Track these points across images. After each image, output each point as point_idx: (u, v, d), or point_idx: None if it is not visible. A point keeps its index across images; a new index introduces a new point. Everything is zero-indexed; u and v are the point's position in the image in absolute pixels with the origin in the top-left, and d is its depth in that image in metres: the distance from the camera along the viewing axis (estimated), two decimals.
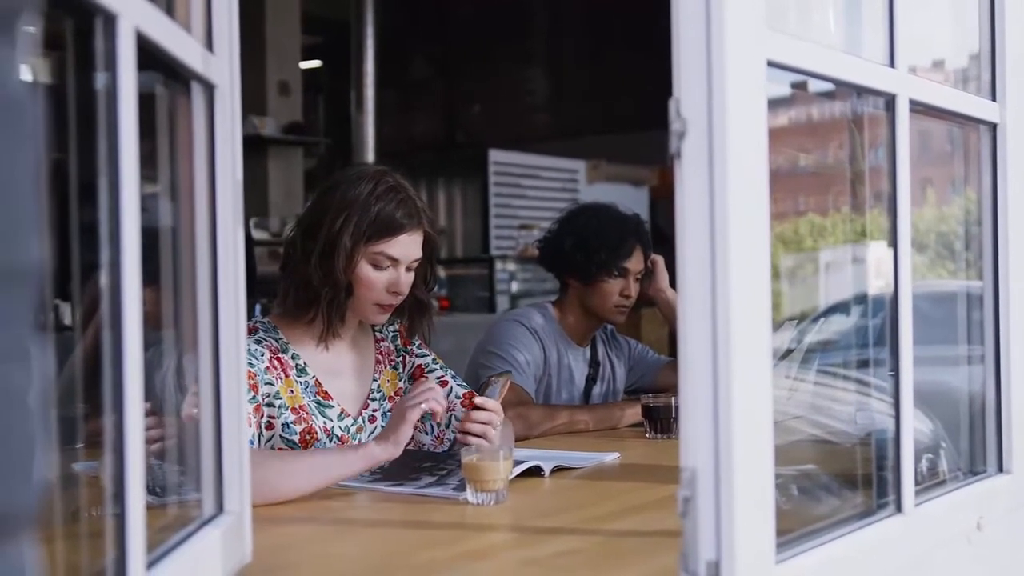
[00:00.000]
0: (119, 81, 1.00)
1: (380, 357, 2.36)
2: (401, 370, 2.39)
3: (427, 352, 2.43)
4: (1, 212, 0.59)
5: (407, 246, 2.20)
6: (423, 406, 1.99)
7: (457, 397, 2.34)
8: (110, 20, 0.99)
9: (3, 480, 0.60)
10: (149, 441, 1.39)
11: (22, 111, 0.61)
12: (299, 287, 2.19)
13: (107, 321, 1.00)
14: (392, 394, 2.34)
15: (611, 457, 2.34)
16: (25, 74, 0.63)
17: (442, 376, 2.39)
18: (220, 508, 1.37)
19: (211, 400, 1.37)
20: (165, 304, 1.36)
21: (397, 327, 2.40)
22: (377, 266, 2.18)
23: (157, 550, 1.16)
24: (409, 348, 2.41)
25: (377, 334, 2.39)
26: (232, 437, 1.38)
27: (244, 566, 1.41)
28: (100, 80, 1.02)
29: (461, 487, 1.89)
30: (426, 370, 2.39)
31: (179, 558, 1.19)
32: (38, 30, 0.66)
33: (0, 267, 0.58)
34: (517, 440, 2.63)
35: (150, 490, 1.15)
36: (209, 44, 1.35)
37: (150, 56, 1.11)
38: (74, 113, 1.06)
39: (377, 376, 2.33)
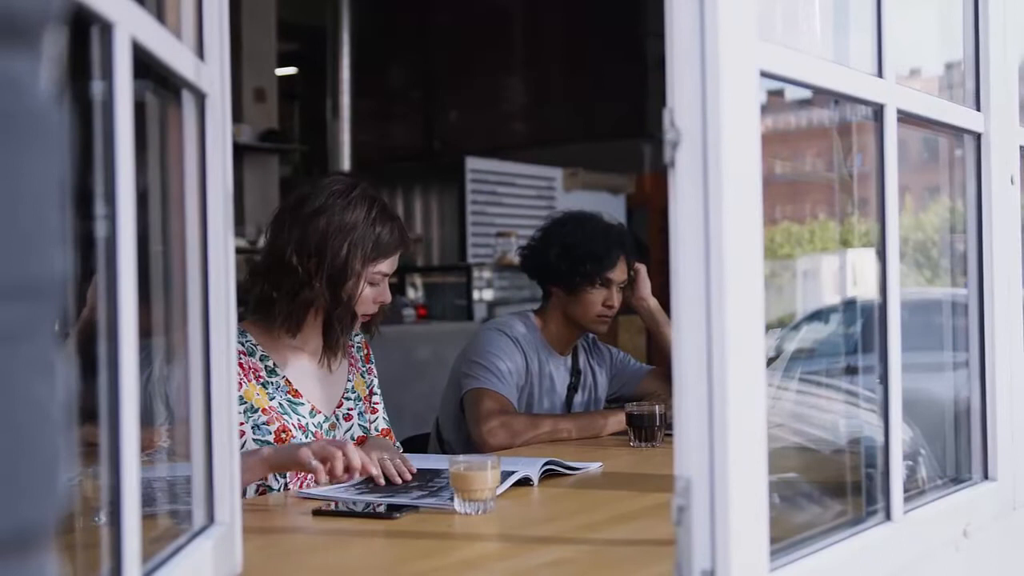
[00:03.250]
0: (115, 90, 0.99)
1: (352, 360, 2.45)
2: (366, 378, 2.48)
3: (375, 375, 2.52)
4: (28, 225, 0.59)
5: (395, 261, 2.33)
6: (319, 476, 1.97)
7: (377, 430, 2.42)
8: (107, 29, 0.98)
9: (32, 492, 0.59)
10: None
11: (49, 122, 0.61)
12: (303, 307, 2.24)
13: (103, 331, 0.99)
14: (362, 396, 2.43)
15: (595, 467, 2.34)
16: (51, 84, 0.63)
17: (378, 403, 2.49)
18: (211, 519, 1.36)
19: (201, 410, 1.36)
20: (155, 313, 1.35)
21: (362, 339, 2.50)
22: (372, 283, 2.28)
23: (149, 562, 1.15)
24: (368, 365, 2.50)
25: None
26: (223, 447, 1.37)
27: None
28: (95, 88, 1.01)
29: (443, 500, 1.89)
30: (373, 391, 2.50)
31: (171, 569, 1.18)
32: (61, 40, 0.66)
33: (26, 280, 0.58)
34: (501, 449, 2.63)
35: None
36: (200, 52, 1.34)
37: (143, 64, 1.10)
38: (69, 121, 1.05)
39: (351, 377, 2.42)
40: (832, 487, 1.70)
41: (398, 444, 2.53)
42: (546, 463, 2.18)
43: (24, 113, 0.60)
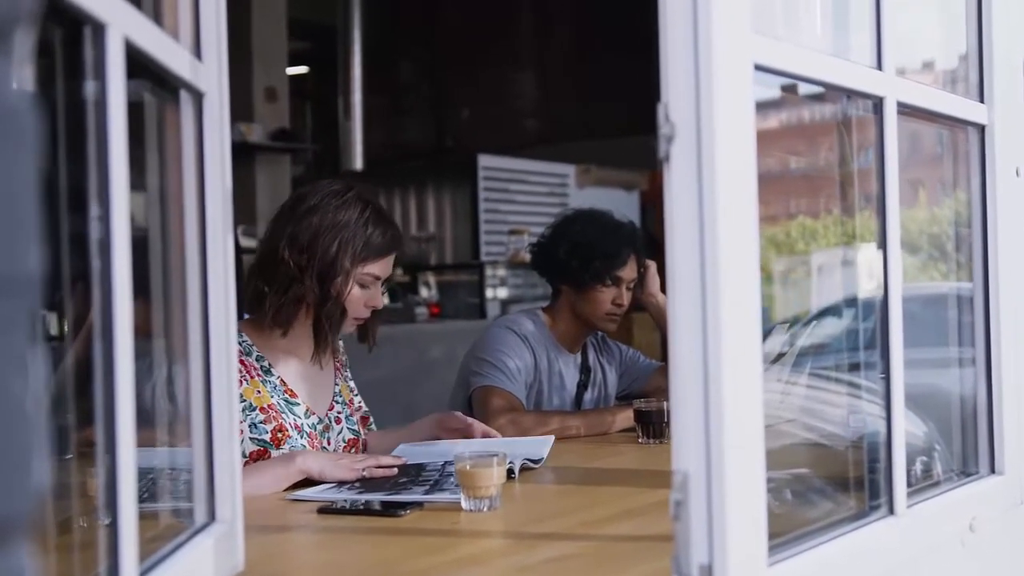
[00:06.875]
0: (108, 90, 1.00)
1: (339, 366, 2.49)
2: (348, 383, 2.51)
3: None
4: (1, 221, 0.59)
5: (389, 265, 2.35)
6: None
7: (344, 440, 2.42)
8: (99, 29, 0.99)
9: (5, 486, 0.60)
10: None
11: (21, 121, 0.61)
12: (293, 302, 2.27)
13: (98, 332, 1.00)
14: (347, 401, 2.47)
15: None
16: (22, 83, 0.64)
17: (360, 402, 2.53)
18: (212, 517, 1.37)
19: (202, 409, 1.37)
20: (154, 314, 1.35)
21: (343, 347, 2.54)
22: (363, 285, 2.31)
23: (149, 559, 1.16)
24: (346, 372, 2.53)
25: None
26: (224, 446, 1.38)
27: (236, 575, 1.41)
28: (89, 88, 1.01)
29: (457, 491, 1.88)
30: (353, 395, 2.52)
31: (171, 567, 1.18)
32: (32, 39, 0.66)
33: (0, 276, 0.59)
34: None
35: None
36: (197, 52, 1.35)
37: (138, 64, 1.10)
38: (61, 121, 1.06)
39: (338, 382, 2.46)
40: (838, 482, 1.69)
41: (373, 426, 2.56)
42: (523, 466, 2.21)
43: None
